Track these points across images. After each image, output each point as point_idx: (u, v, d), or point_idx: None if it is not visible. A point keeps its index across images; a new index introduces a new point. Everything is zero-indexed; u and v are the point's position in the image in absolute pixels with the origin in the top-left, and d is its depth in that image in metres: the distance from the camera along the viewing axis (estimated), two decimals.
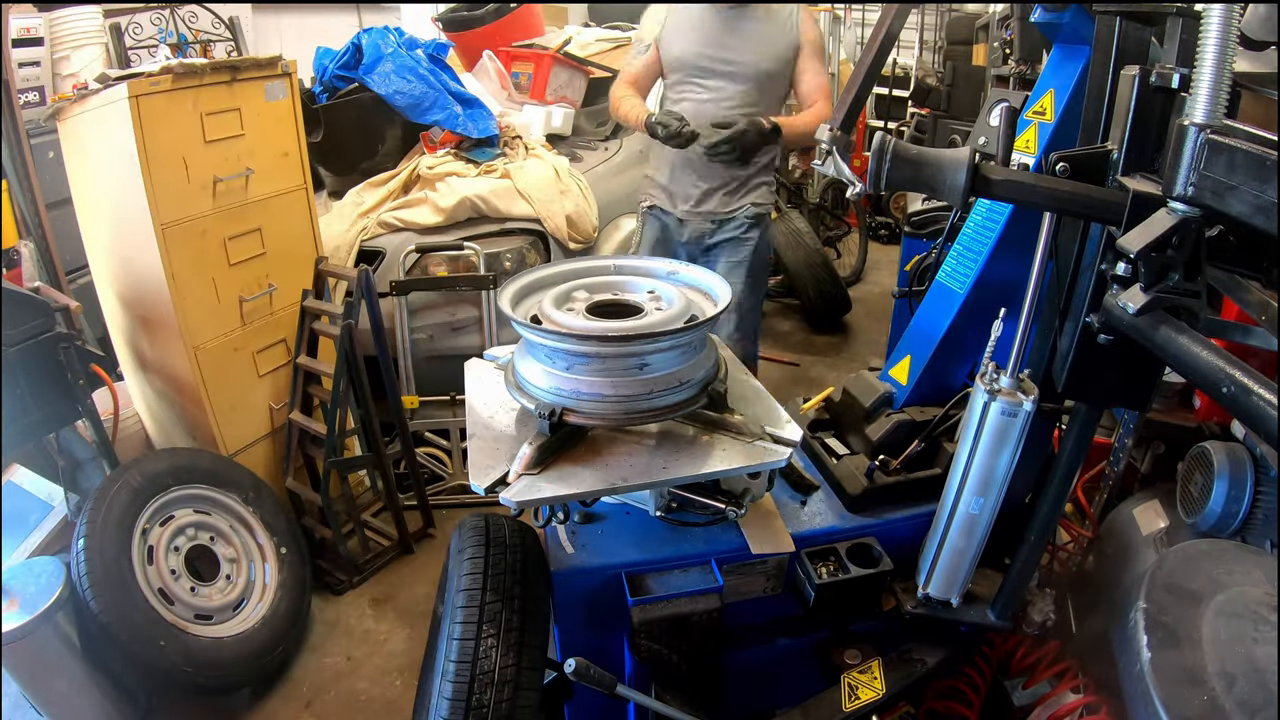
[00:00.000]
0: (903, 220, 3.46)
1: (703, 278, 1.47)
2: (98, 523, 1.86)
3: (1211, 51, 0.83)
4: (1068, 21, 1.34)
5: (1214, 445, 1.50)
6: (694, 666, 1.39)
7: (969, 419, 1.35)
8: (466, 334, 2.92)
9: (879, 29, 1.44)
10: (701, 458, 1.27)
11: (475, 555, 1.34)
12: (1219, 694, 0.96)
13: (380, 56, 3.16)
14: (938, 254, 1.88)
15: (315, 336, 2.52)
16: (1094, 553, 1.83)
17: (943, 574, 1.49)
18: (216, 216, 2.25)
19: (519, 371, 1.35)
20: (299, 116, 2.45)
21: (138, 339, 2.39)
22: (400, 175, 3.13)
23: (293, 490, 2.51)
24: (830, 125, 1.33)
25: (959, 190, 1.02)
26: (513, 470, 1.22)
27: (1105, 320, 1.07)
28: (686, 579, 1.39)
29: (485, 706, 1.21)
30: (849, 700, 1.47)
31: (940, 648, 1.57)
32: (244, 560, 2.20)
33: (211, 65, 2.16)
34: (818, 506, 1.63)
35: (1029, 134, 1.52)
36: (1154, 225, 0.90)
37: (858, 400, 1.74)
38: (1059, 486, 1.38)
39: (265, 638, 2.08)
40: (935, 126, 4.99)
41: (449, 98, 3.22)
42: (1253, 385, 0.76)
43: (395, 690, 2.15)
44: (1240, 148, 0.81)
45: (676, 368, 1.27)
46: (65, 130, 2.24)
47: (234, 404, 2.38)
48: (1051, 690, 1.57)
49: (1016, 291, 1.33)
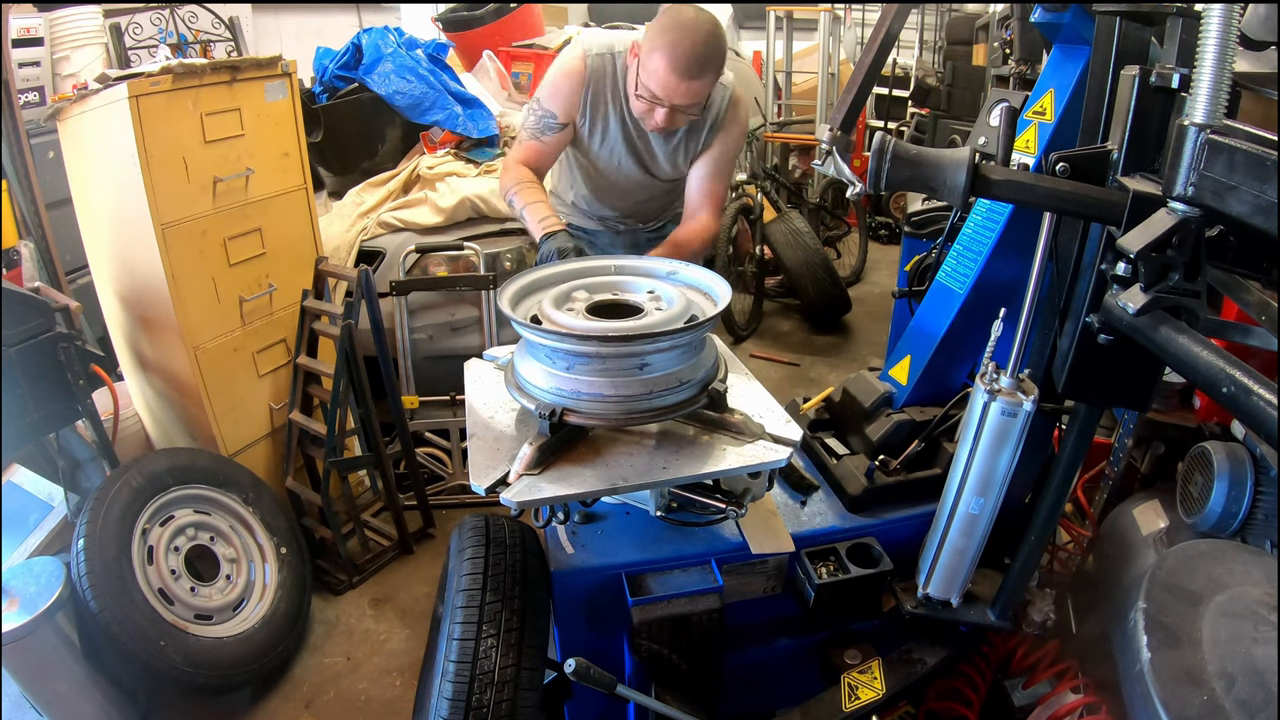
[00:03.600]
0: (903, 220, 3.46)
1: (703, 278, 1.47)
2: (98, 523, 1.86)
3: (1211, 51, 0.83)
4: (1068, 21, 1.34)
5: (1214, 445, 1.50)
6: (694, 666, 1.39)
7: (969, 419, 1.35)
8: (466, 334, 2.92)
9: (879, 29, 1.44)
10: (701, 458, 1.27)
11: (475, 555, 1.34)
12: (1219, 694, 0.96)
13: (380, 56, 3.16)
14: (938, 254, 1.89)
15: (315, 336, 2.52)
16: (1094, 553, 1.83)
17: (943, 574, 1.49)
18: (216, 216, 2.25)
19: (519, 371, 1.34)
20: (299, 116, 2.44)
21: (138, 339, 2.39)
22: (400, 175, 3.13)
23: (293, 490, 2.51)
24: (830, 125, 1.34)
25: (959, 190, 1.02)
26: (513, 470, 1.22)
27: (1105, 320, 1.07)
28: (686, 579, 1.39)
29: (485, 706, 1.21)
30: (849, 700, 1.47)
31: (940, 648, 1.57)
32: (244, 560, 2.20)
33: (211, 65, 2.16)
34: (818, 506, 1.63)
35: (1029, 134, 1.52)
36: (1154, 225, 0.90)
37: (858, 400, 1.74)
38: (1059, 486, 1.38)
39: (265, 638, 2.08)
40: (935, 126, 5.00)
41: (449, 98, 3.22)
42: (1253, 385, 0.76)
43: (395, 690, 2.15)
44: (1240, 148, 0.81)
45: (676, 368, 1.27)
46: (65, 130, 2.24)
47: (234, 404, 2.38)
48: (1051, 690, 1.57)
49: (1016, 291, 1.33)
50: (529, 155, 1.92)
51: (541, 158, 1.94)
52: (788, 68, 5.62)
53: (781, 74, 5.65)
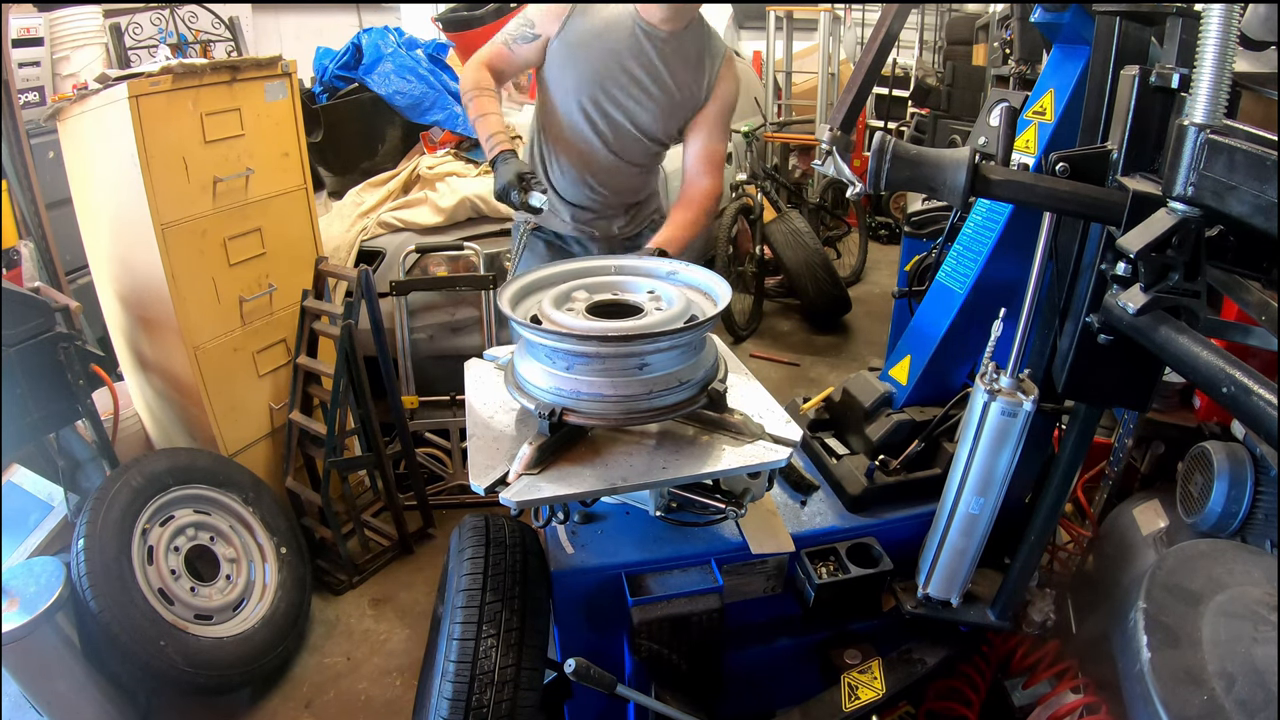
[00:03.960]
0: (903, 220, 3.46)
1: (703, 278, 1.47)
2: (98, 523, 1.86)
3: (1211, 51, 0.83)
4: (1068, 21, 1.34)
5: (1214, 445, 1.50)
6: (694, 666, 1.38)
7: (969, 419, 1.35)
8: (466, 334, 2.92)
9: (879, 29, 1.44)
10: (701, 458, 1.27)
11: (475, 555, 1.34)
12: (1219, 694, 0.96)
13: (380, 56, 3.17)
14: (938, 254, 1.88)
15: (315, 336, 2.52)
16: (1094, 553, 1.83)
17: (943, 574, 1.49)
18: (216, 216, 2.25)
19: (519, 371, 1.34)
20: (299, 116, 2.45)
21: (138, 339, 2.40)
22: (400, 175, 3.13)
23: (293, 490, 2.51)
24: (830, 125, 1.34)
25: (959, 190, 1.02)
26: (513, 470, 1.22)
27: (1105, 320, 1.07)
28: (686, 579, 1.39)
29: (485, 706, 1.21)
30: (849, 700, 1.47)
31: (940, 648, 1.57)
32: (244, 560, 2.20)
33: (211, 65, 2.16)
34: (818, 506, 1.63)
35: (1029, 134, 1.52)
36: (1154, 225, 0.90)
37: (858, 400, 1.74)
38: (1059, 486, 1.38)
39: (265, 638, 2.08)
40: (935, 126, 4.99)
41: (449, 98, 3.22)
42: (1253, 385, 0.76)
43: (395, 690, 2.15)
44: (1240, 148, 0.81)
45: (676, 368, 1.27)
46: (65, 130, 2.24)
47: (234, 404, 2.38)
48: (1051, 690, 1.57)
49: (1016, 291, 1.33)
50: (494, 59, 1.96)
51: (505, 64, 1.97)
52: (788, 68, 5.63)
53: (781, 74, 5.66)
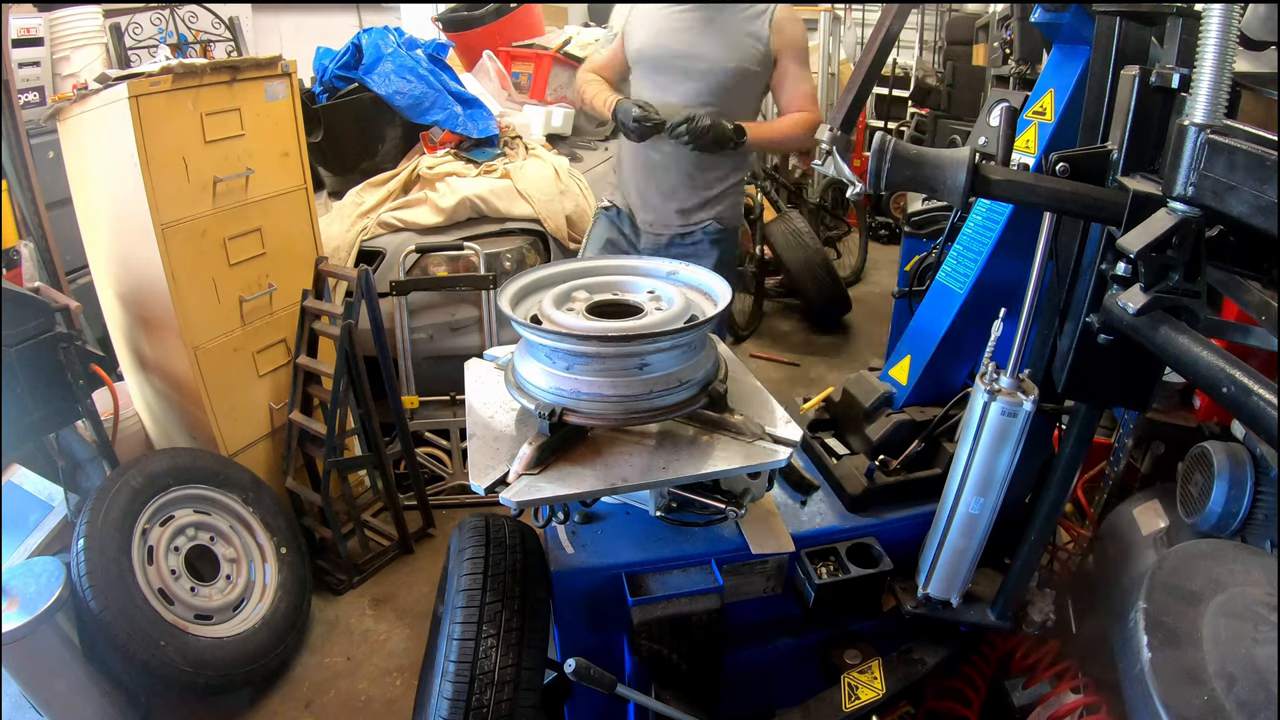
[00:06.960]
0: (903, 220, 3.46)
1: (703, 278, 1.47)
2: (98, 523, 1.86)
3: (1211, 51, 0.83)
4: (1068, 21, 1.34)
5: (1214, 445, 1.49)
6: (694, 666, 1.38)
7: (969, 419, 1.35)
8: (466, 334, 2.92)
9: (879, 29, 1.44)
10: (701, 458, 1.27)
11: (475, 555, 1.34)
12: (1219, 694, 0.96)
13: (380, 56, 3.16)
14: (938, 254, 1.89)
15: (315, 336, 2.52)
16: (1094, 553, 1.83)
17: (943, 574, 1.49)
18: (216, 216, 2.25)
19: (519, 371, 1.34)
20: (299, 116, 2.44)
21: (138, 339, 2.40)
22: (400, 175, 3.13)
23: (293, 490, 2.50)
24: (830, 125, 1.34)
25: (959, 190, 1.02)
26: (513, 470, 1.22)
27: (1105, 320, 1.07)
28: (686, 579, 1.39)
29: (485, 706, 1.21)
30: (849, 700, 1.47)
31: (940, 648, 1.57)
32: (244, 560, 2.20)
33: (211, 65, 2.16)
34: (818, 506, 1.63)
35: (1029, 134, 1.52)
36: (1154, 225, 0.90)
37: (858, 400, 1.74)
38: (1059, 486, 1.38)
39: (265, 638, 2.08)
40: (935, 126, 4.99)
41: (449, 98, 3.22)
42: (1253, 385, 0.76)
43: (395, 690, 2.15)
44: (1240, 148, 0.81)
45: (676, 368, 1.27)
46: (65, 130, 2.24)
47: (234, 404, 2.38)
48: (1051, 690, 1.57)
49: (1016, 291, 1.33)
50: (595, 63, 2.43)
51: (601, 67, 2.40)
52: None
53: None
